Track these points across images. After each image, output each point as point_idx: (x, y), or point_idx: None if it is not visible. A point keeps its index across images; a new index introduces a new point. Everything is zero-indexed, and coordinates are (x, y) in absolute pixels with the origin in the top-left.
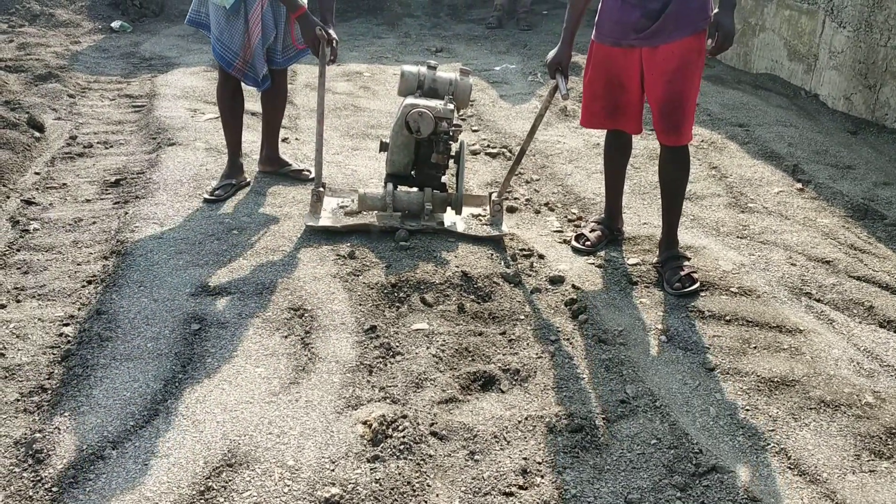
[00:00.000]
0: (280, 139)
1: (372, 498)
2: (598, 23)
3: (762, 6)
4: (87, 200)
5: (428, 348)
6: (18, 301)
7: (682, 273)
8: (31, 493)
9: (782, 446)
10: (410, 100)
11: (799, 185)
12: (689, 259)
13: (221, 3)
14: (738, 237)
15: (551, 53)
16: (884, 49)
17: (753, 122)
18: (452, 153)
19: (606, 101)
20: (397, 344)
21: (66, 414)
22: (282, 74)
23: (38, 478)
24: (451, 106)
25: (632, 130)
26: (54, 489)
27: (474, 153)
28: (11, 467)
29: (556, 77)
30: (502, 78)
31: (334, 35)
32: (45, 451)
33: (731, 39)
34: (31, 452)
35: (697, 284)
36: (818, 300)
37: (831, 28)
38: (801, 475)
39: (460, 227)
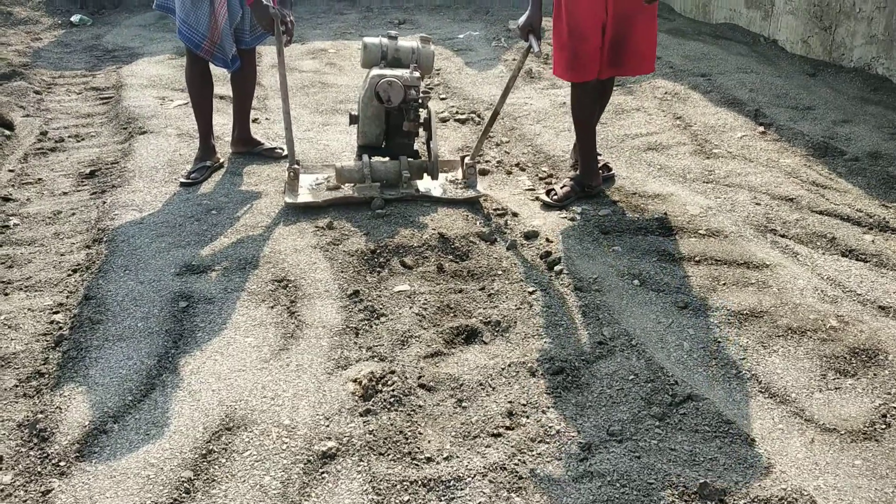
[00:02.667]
0: (251, 119)
1: (367, 448)
2: None
3: None
4: (65, 193)
5: (411, 308)
6: (6, 294)
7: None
8: (39, 469)
9: (753, 372)
10: (376, 70)
11: (761, 129)
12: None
13: None
14: (704, 182)
15: (522, 18)
16: None
17: (715, 72)
18: (422, 120)
19: (569, 51)
20: (381, 306)
21: (65, 394)
22: (250, 55)
23: (45, 455)
24: (418, 74)
25: (594, 76)
26: (61, 464)
27: (443, 120)
28: (17, 448)
29: (528, 39)
30: (467, 45)
31: (290, 16)
32: (49, 429)
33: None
34: (35, 432)
35: (612, 172)
36: (783, 236)
37: None
38: (771, 397)
39: (436, 192)
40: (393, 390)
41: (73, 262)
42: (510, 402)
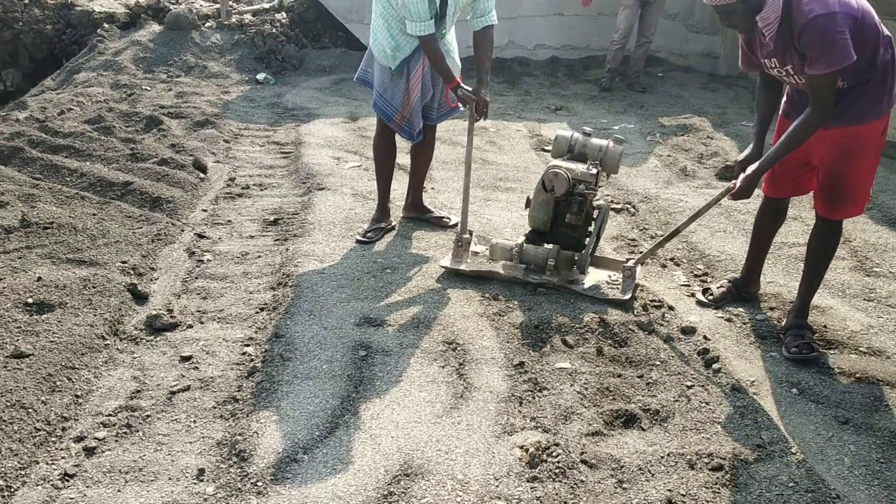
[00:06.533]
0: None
1: None
2: (785, 102)
3: None
4: (251, 237)
5: (572, 385)
6: (202, 322)
7: (803, 341)
8: (239, 486)
9: None
10: (556, 161)
11: None
12: (814, 332)
13: (387, 65)
14: (864, 300)
15: (742, 154)
16: None
17: (877, 189)
18: (594, 216)
19: (790, 172)
20: (543, 380)
21: (261, 421)
22: (432, 130)
23: (245, 473)
24: (595, 170)
25: (781, 196)
26: (259, 484)
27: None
28: (218, 463)
29: (738, 176)
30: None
31: (486, 97)
32: (248, 451)
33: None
34: (235, 451)
35: (815, 354)
36: None
37: None
38: None
39: (578, 287)
40: (557, 462)
41: (260, 300)
42: (669, 490)
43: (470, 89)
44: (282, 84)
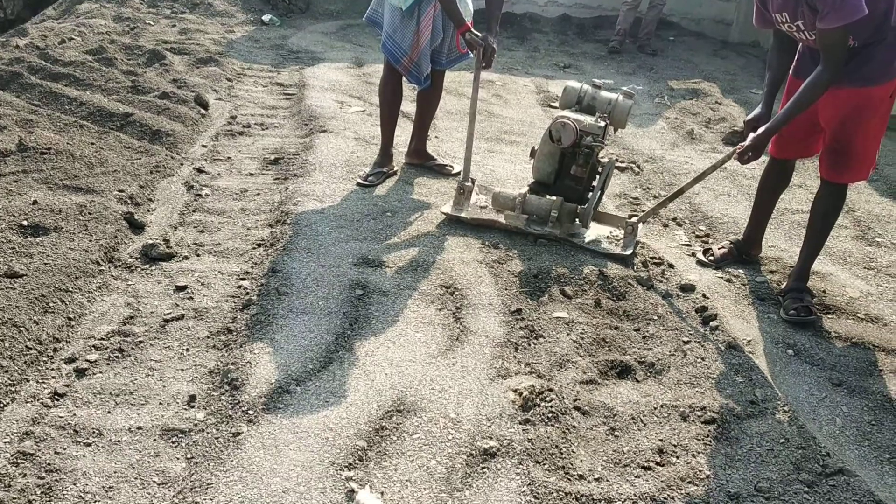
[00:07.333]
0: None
1: (525, 454)
2: (796, 61)
3: None
4: (251, 174)
5: (568, 334)
6: (198, 255)
7: (801, 304)
8: (230, 413)
9: None
10: (563, 112)
11: None
12: (813, 296)
13: (398, 5)
14: (864, 268)
15: (751, 114)
16: None
17: (882, 162)
18: (599, 170)
19: (797, 133)
20: (540, 328)
21: (254, 352)
22: (440, 76)
23: (237, 401)
24: (602, 123)
25: (786, 157)
26: (250, 412)
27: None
28: (209, 391)
29: (749, 135)
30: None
31: (493, 45)
32: (240, 380)
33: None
34: (227, 380)
35: (813, 318)
36: None
37: None
38: None
39: (579, 240)
40: (551, 407)
41: (257, 236)
42: (661, 440)
43: (479, 34)
44: (287, 26)
